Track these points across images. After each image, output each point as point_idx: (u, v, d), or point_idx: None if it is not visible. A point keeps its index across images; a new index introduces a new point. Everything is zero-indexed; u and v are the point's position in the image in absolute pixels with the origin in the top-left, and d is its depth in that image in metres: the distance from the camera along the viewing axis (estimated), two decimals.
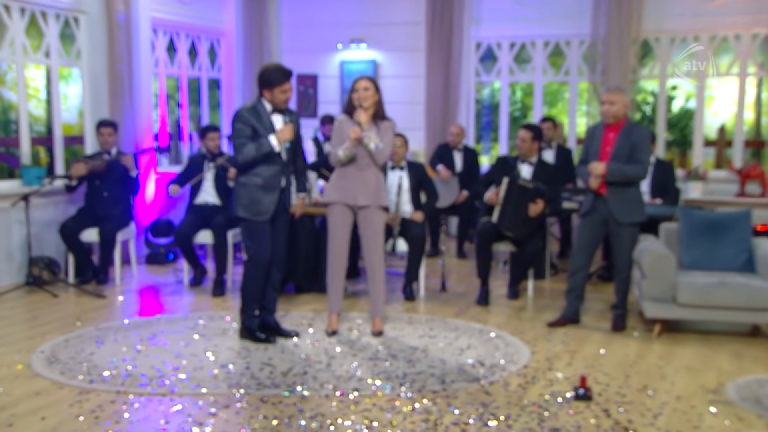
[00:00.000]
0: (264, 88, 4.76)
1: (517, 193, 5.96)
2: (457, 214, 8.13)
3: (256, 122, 4.74)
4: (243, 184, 4.80)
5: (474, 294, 6.31)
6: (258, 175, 4.77)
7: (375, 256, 5.02)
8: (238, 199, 4.81)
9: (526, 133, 6.23)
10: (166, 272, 7.30)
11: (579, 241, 5.37)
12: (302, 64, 9.81)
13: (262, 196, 4.79)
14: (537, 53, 9.11)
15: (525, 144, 6.22)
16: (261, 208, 4.81)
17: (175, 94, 14.39)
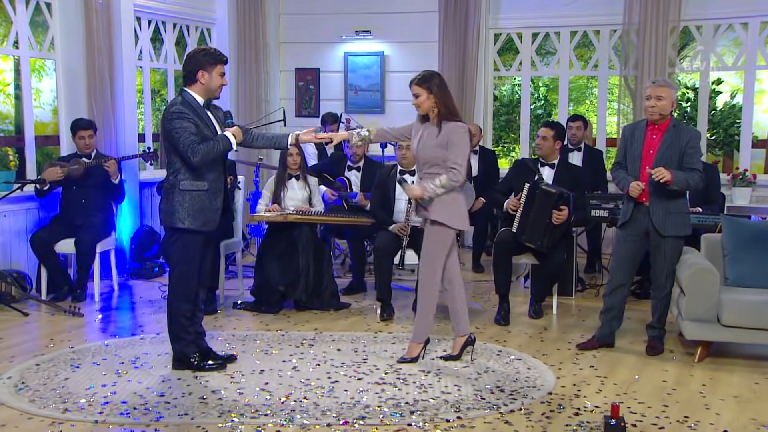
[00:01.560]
0: (200, 70, 4.66)
1: (540, 200, 5.94)
2: (473, 222, 8.10)
3: (195, 118, 4.64)
4: (185, 191, 4.64)
5: (492, 312, 6.29)
6: (203, 178, 4.68)
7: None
8: (181, 207, 4.62)
9: (548, 130, 6.21)
10: (151, 287, 7.30)
11: (617, 256, 5.33)
12: (302, 56, 9.83)
13: (210, 202, 4.71)
14: (562, 44, 9.10)
15: (546, 143, 6.20)
16: (209, 216, 4.71)
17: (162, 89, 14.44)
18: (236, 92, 9.37)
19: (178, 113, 4.58)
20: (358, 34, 9.58)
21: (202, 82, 4.69)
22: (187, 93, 4.71)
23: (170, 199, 4.66)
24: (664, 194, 5.09)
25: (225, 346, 5.34)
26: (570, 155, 7.68)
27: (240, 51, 9.32)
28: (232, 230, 6.86)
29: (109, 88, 7.51)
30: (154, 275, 7.65)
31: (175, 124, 4.56)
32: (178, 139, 4.55)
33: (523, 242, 6.00)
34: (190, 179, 4.63)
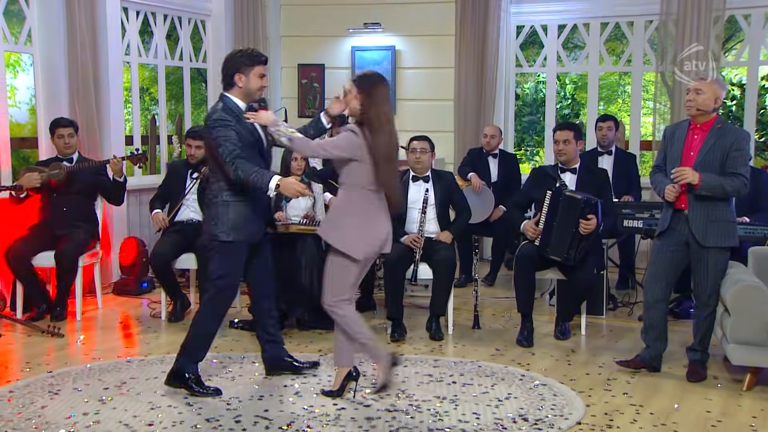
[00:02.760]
0: (236, 73, 4.77)
1: (564, 208, 5.91)
2: (492, 233, 8.07)
3: (237, 125, 4.70)
4: (227, 202, 4.75)
5: (514, 332, 6.26)
6: (246, 188, 4.75)
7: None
8: (221, 219, 4.73)
9: (568, 132, 6.20)
10: (139, 305, 7.29)
11: (654, 268, 5.28)
12: (305, 52, 9.83)
13: (253, 212, 4.81)
14: (592, 37, 9.08)
15: (569, 147, 6.18)
16: (254, 229, 4.84)
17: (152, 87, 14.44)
18: None
19: (221, 121, 4.68)
20: (367, 27, 9.58)
21: (240, 86, 4.80)
22: (227, 98, 4.81)
23: (212, 210, 4.80)
24: (705, 200, 5.04)
25: (221, 369, 5.31)
26: (600, 159, 7.65)
27: (237, 46, 9.27)
28: None
29: (93, 85, 7.51)
30: (143, 291, 7.63)
31: (217, 132, 4.67)
32: (219, 149, 4.65)
33: (548, 255, 5.97)
34: (232, 190, 4.74)
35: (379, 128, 4.50)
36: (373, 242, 4.60)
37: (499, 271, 8.21)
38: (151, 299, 7.38)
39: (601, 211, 5.91)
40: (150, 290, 7.69)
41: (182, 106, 9.79)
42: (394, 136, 4.59)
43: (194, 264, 6.57)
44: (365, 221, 4.58)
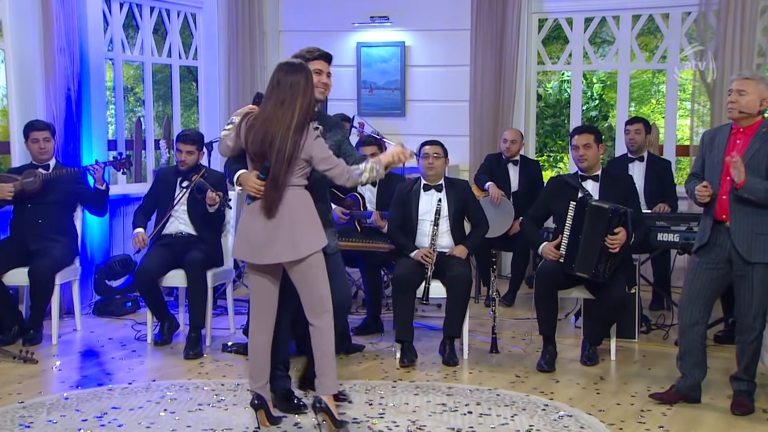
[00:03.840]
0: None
1: (591, 219, 5.89)
2: (512, 247, 8.05)
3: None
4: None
5: (536, 356, 6.23)
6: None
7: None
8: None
9: (588, 136, 6.18)
10: (123, 326, 7.28)
11: (690, 287, 5.24)
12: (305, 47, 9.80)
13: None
14: (622, 31, 9.06)
15: (591, 152, 6.16)
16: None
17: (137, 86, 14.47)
18: (227, 90, 9.38)
19: (337, 123, 4.96)
20: (374, 21, 9.58)
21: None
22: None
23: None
24: (750, 211, 4.99)
25: (213, 398, 5.28)
26: (630, 166, 7.62)
27: (231, 41, 9.34)
28: (221, 257, 6.83)
29: (73, 84, 7.52)
30: (126, 312, 7.62)
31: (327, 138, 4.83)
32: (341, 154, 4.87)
33: (573, 272, 5.94)
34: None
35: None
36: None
37: (520, 289, 8.18)
38: (135, 320, 7.36)
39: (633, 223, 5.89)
40: (134, 310, 7.68)
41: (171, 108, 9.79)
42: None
43: (183, 281, 6.54)
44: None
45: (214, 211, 6.57)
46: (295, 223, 4.56)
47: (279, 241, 4.55)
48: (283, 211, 4.55)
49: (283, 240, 4.55)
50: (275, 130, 4.50)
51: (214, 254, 6.72)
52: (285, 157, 4.49)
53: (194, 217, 6.77)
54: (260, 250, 4.61)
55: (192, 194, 6.72)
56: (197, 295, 6.47)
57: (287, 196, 4.55)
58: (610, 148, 9.42)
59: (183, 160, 6.78)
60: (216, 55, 9.40)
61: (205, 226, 6.75)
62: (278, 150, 4.49)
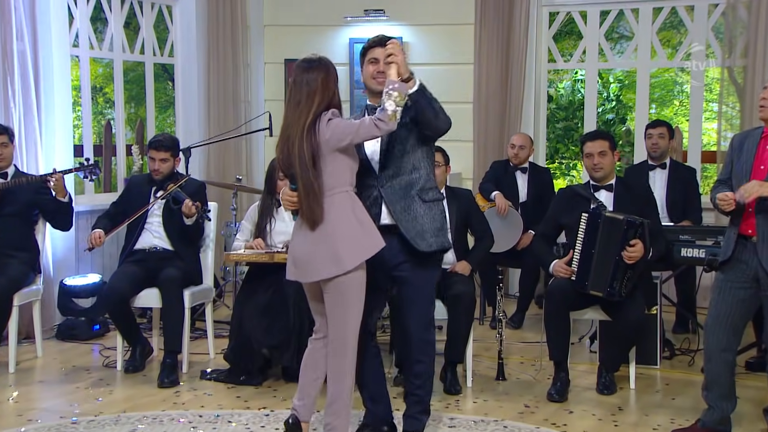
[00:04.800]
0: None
1: (605, 231, 5.89)
2: (520, 263, 8.06)
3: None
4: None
5: (546, 384, 6.22)
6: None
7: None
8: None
9: (603, 142, 6.19)
10: (89, 352, 7.27)
11: (716, 309, 5.22)
12: (293, 44, 9.84)
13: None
14: (642, 25, 9.09)
15: (607, 159, 6.18)
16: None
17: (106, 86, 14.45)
18: (206, 91, 9.39)
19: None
20: (369, 15, 9.61)
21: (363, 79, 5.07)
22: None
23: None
24: None
25: (190, 431, 5.27)
26: (651, 174, 7.64)
27: (211, 37, 9.35)
28: (199, 275, 6.83)
29: (33, 84, 7.54)
30: (93, 335, 7.60)
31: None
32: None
33: (587, 291, 5.94)
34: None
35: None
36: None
37: (529, 309, 8.19)
38: (104, 345, 7.35)
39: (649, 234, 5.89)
40: (103, 334, 7.65)
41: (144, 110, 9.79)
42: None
43: (157, 301, 6.53)
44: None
45: (192, 224, 6.56)
46: (337, 232, 4.50)
47: (320, 255, 4.50)
48: (327, 220, 4.50)
49: (324, 253, 4.50)
50: (293, 134, 4.51)
51: (191, 271, 6.71)
52: (307, 160, 4.46)
53: (170, 231, 6.75)
54: (302, 267, 4.60)
55: (168, 205, 6.72)
56: (173, 316, 6.44)
57: (328, 204, 4.51)
58: (628, 154, 9.46)
59: (157, 168, 6.74)
60: (194, 51, 9.41)
61: (182, 240, 6.73)
62: (299, 155, 4.47)
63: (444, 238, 4.84)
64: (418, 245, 4.70)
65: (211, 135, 9.12)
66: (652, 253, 5.92)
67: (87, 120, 8.87)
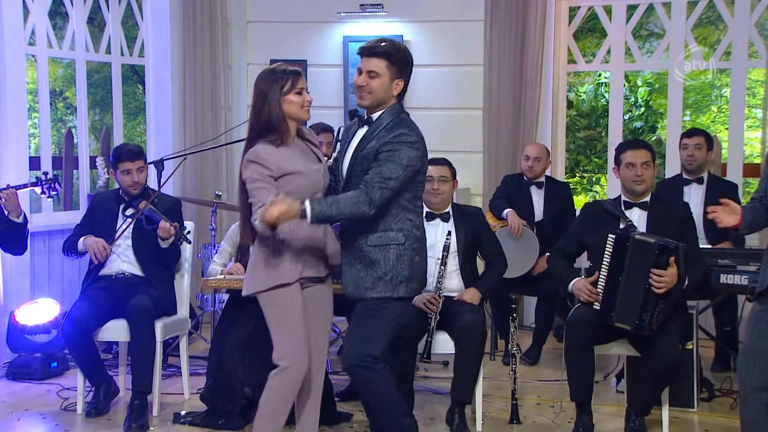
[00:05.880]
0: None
1: (634, 256, 5.90)
2: (537, 290, 8.07)
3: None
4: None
5: (566, 428, 6.24)
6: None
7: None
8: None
9: (646, 153, 6.21)
10: (45, 393, 7.24)
11: (749, 342, 5.22)
12: (281, 43, 9.86)
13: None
14: (674, 21, 9.09)
15: (650, 172, 6.21)
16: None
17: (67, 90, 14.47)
18: (181, 96, 9.40)
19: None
20: (365, 10, 9.63)
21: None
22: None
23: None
24: None
25: None
26: (686, 190, 7.65)
27: (187, 35, 9.36)
28: (173, 304, 6.81)
29: None
30: (51, 374, 7.58)
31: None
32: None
33: (612, 323, 5.94)
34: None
35: None
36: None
37: (546, 343, 8.18)
38: (62, 385, 7.32)
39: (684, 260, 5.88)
40: (61, 372, 7.63)
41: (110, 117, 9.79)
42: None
43: (125, 334, 6.51)
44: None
45: (167, 246, 6.55)
46: (253, 256, 5.10)
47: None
48: (255, 243, 5.06)
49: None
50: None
51: (164, 300, 6.69)
52: (240, 184, 5.03)
53: (141, 254, 6.75)
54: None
55: (139, 225, 6.69)
56: (143, 351, 6.42)
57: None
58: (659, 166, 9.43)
59: (136, 181, 6.71)
60: (167, 51, 9.43)
61: (154, 265, 6.74)
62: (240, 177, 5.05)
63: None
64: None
65: (187, 145, 9.10)
66: (687, 280, 5.91)
67: (45, 128, 8.83)
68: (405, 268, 4.97)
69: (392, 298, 4.96)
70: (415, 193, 5.03)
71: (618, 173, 6.30)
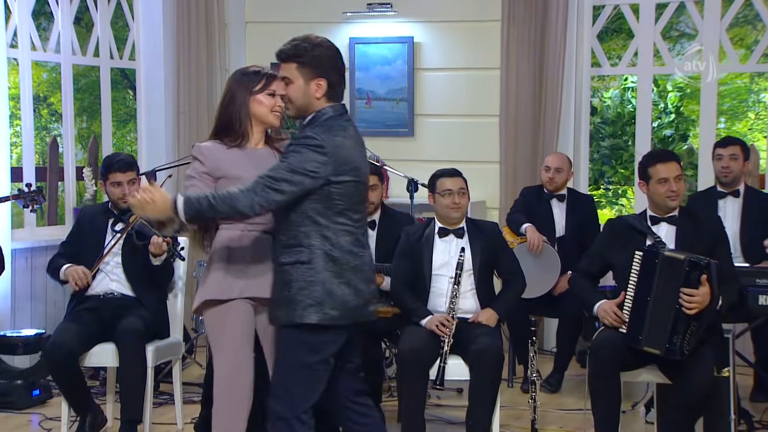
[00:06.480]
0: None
1: (663, 274, 5.88)
2: (558, 312, 8.08)
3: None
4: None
5: None
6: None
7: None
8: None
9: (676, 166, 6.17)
10: (27, 423, 7.24)
11: None
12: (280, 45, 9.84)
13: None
14: (707, 20, 9.08)
15: (682, 186, 6.19)
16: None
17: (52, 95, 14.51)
18: (175, 102, 9.42)
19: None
20: (373, 9, 9.65)
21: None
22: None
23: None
24: None
25: None
26: (720, 204, 7.62)
27: (181, 36, 9.38)
28: (165, 327, 6.83)
29: None
30: (33, 402, 7.56)
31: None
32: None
33: (640, 347, 5.92)
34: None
35: None
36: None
37: (568, 369, 8.16)
38: (44, 415, 7.33)
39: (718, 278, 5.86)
40: (44, 401, 7.62)
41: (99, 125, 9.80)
42: None
43: (114, 359, 6.50)
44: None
45: (159, 264, 6.54)
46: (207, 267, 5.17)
47: None
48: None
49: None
50: None
51: (156, 322, 6.68)
52: None
53: (131, 273, 6.74)
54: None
55: (129, 241, 6.69)
56: (132, 377, 6.41)
57: (216, 237, 5.09)
58: (691, 178, 9.43)
59: (127, 193, 6.70)
60: (160, 53, 9.45)
61: (145, 284, 6.72)
62: None
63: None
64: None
65: (181, 155, 9.09)
66: (721, 300, 5.89)
67: (28, 137, 8.83)
68: (317, 291, 4.67)
69: (303, 324, 4.71)
70: (331, 207, 4.70)
71: (646, 188, 6.25)
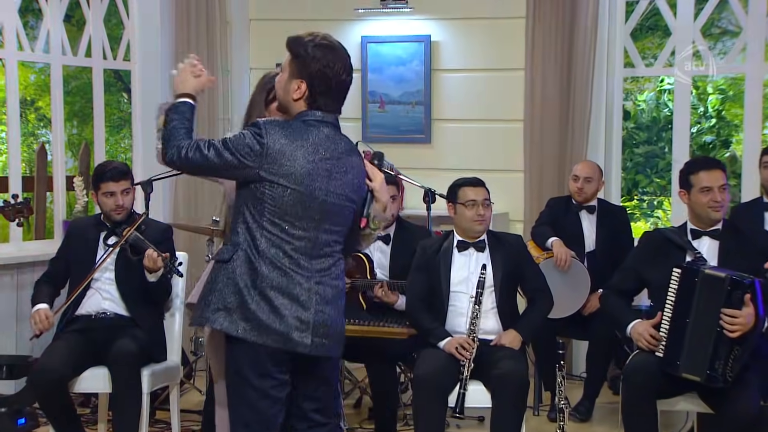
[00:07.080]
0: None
1: (703, 294, 5.86)
2: (588, 333, 8.06)
3: None
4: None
5: None
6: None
7: None
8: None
9: (719, 174, 6.18)
10: None
11: None
12: None
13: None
14: (752, 16, 9.05)
15: (726, 196, 6.18)
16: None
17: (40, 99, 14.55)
18: None
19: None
20: (387, 6, 9.67)
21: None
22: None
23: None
24: None
25: None
26: (767, 216, 7.59)
27: (179, 35, 9.40)
28: (162, 349, 6.84)
29: None
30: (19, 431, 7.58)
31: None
32: None
33: (678, 373, 5.90)
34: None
35: None
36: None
37: (600, 396, 8.13)
38: None
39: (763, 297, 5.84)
40: (30, 430, 7.62)
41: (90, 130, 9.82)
42: None
43: (106, 384, 6.52)
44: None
45: (155, 281, 6.54)
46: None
47: None
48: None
49: None
50: None
51: (152, 344, 6.70)
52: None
53: (125, 290, 6.76)
54: None
55: (123, 256, 6.70)
56: (126, 404, 6.42)
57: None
58: (734, 188, 9.40)
59: (121, 204, 6.71)
60: (157, 54, 9.47)
61: (141, 303, 6.75)
62: None
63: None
64: None
65: None
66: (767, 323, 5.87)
67: (14, 143, 8.86)
68: (230, 296, 4.52)
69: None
70: (260, 209, 4.56)
71: (687, 198, 6.22)
